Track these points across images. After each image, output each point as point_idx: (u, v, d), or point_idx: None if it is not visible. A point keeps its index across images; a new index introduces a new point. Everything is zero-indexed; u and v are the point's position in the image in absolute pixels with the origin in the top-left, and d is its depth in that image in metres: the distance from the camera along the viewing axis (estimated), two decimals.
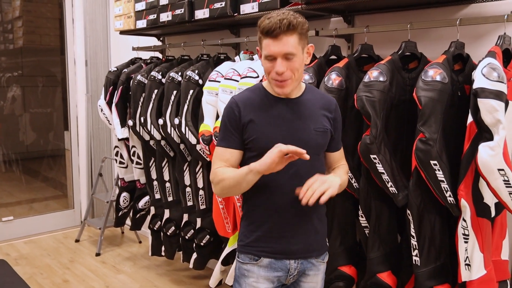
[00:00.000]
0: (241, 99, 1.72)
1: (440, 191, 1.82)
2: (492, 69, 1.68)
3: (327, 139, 1.77)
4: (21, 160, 4.98)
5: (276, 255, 1.74)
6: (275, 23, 1.54)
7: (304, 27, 1.60)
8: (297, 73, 1.63)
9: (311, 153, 1.62)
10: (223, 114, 1.75)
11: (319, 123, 1.73)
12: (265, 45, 1.60)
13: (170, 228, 3.27)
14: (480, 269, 1.80)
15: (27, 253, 4.15)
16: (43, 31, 4.90)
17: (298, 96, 1.74)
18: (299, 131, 1.69)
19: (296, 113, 1.71)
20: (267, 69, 1.64)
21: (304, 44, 1.63)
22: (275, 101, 1.71)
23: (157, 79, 3.07)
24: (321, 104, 1.77)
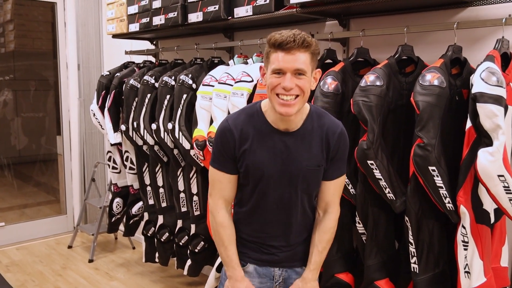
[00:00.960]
0: (237, 126, 1.65)
1: (438, 197, 1.79)
2: (491, 73, 1.65)
3: (320, 177, 1.72)
4: (13, 164, 4.93)
5: (261, 262, 1.78)
6: (289, 36, 1.47)
7: (317, 47, 1.53)
8: (305, 94, 1.54)
9: (300, 190, 1.69)
10: (216, 136, 1.69)
11: (314, 159, 1.66)
12: (274, 58, 1.50)
13: (164, 234, 3.23)
14: (480, 277, 1.78)
15: (18, 260, 4.10)
16: (35, 34, 4.85)
17: (298, 128, 1.65)
18: (291, 166, 1.65)
19: (292, 148, 1.65)
20: (271, 84, 1.53)
21: (314, 66, 1.55)
22: (271, 132, 1.64)
23: (150, 83, 3.03)
24: (321, 134, 1.67)
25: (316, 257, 1.77)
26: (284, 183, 1.67)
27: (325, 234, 1.77)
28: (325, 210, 1.78)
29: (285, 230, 1.75)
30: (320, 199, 1.78)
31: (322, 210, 1.79)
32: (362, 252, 2.13)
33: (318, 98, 2.04)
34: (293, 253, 1.79)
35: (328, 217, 1.78)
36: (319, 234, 1.77)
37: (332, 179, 1.74)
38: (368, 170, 1.91)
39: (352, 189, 2.10)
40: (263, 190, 1.68)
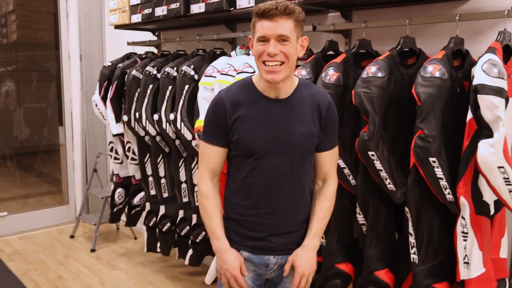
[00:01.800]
0: (228, 97, 1.68)
1: (439, 188, 1.80)
2: (492, 65, 1.65)
3: (314, 143, 1.72)
4: (15, 155, 4.94)
5: (255, 250, 1.75)
6: (271, 4, 1.52)
7: (300, 14, 1.57)
8: (290, 60, 1.57)
9: (295, 157, 1.68)
10: (209, 109, 1.72)
11: (307, 126, 1.68)
12: (259, 27, 1.55)
13: (165, 225, 3.25)
14: (479, 268, 1.79)
15: (21, 249, 4.12)
16: (37, 25, 4.85)
17: (288, 96, 1.68)
18: (284, 134, 1.66)
19: (284, 114, 1.66)
20: (257, 52, 1.57)
21: (299, 34, 1.59)
22: (262, 100, 1.66)
23: (152, 74, 3.04)
24: (312, 103, 1.71)
25: (316, 225, 1.77)
26: (278, 150, 1.66)
27: (325, 201, 1.80)
28: (324, 179, 1.82)
29: (280, 206, 1.72)
30: (319, 171, 1.81)
31: (321, 180, 1.82)
32: (362, 242, 2.14)
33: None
34: (289, 240, 1.76)
35: (327, 185, 1.81)
36: (320, 202, 1.79)
37: (327, 150, 1.78)
38: (368, 161, 1.92)
39: (352, 180, 2.11)
40: (257, 160, 1.67)
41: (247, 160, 1.68)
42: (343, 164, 2.07)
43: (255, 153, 1.66)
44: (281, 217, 1.72)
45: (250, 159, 1.67)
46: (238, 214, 1.75)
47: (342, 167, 2.08)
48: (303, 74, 2.13)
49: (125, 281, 3.51)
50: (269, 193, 1.69)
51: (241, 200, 1.74)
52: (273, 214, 1.72)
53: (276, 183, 1.68)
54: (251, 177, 1.68)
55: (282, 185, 1.69)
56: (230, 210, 1.78)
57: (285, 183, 1.69)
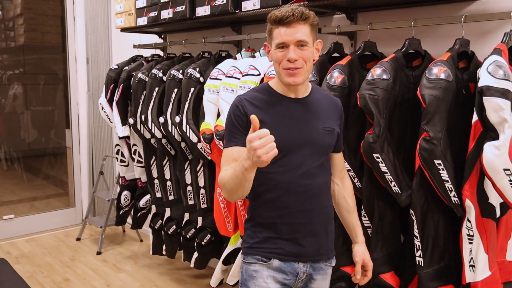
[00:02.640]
0: (248, 97, 1.68)
1: (444, 191, 1.79)
2: (498, 67, 1.64)
3: (335, 139, 1.75)
4: (23, 158, 4.97)
5: (286, 257, 1.69)
6: (287, 11, 1.55)
7: (315, 19, 1.60)
8: (308, 64, 1.60)
9: (321, 153, 1.71)
10: (229, 113, 1.68)
11: (327, 123, 1.72)
12: (277, 33, 1.58)
13: (171, 227, 3.25)
14: (485, 271, 1.78)
15: (28, 252, 4.14)
16: (44, 28, 4.88)
17: (306, 96, 1.71)
18: (308, 130, 1.67)
19: (305, 112, 1.68)
20: (277, 59, 1.60)
21: (315, 37, 1.63)
22: (283, 100, 1.68)
23: (158, 77, 3.05)
24: (328, 104, 1.76)
25: (358, 220, 1.88)
26: (304, 146, 1.66)
27: (353, 197, 1.89)
28: (342, 177, 1.88)
29: (311, 203, 1.69)
30: (336, 170, 1.85)
31: (339, 179, 1.87)
32: (367, 245, 2.13)
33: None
34: (319, 244, 1.73)
35: (348, 183, 1.90)
36: (351, 198, 1.88)
37: (340, 150, 1.86)
38: (374, 164, 1.92)
39: (358, 183, 2.10)
40: (283, 158, 1.63)
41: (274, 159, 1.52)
42: (348, 166, 2.07)
43: (281, 150, 1.56)
44: (312, 214, 1.70)
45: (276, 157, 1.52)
46: (267, 217, 1.70)
47: (347, 169, 2.07)
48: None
49: (131, 284, 3.51)
50: (298, 190, 1.67)
51: (270, 202, 1.69)
52: (304, 212, 1.68)
53: (305, 179, 1.67)
54: (279, 175, 1.65)
55: (311, 182, 1.68)
56: (257, 215, 1.73)
57: (313, 179, 1.68)
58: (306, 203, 1.68)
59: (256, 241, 1.72)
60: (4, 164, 4.83)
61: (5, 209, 4.61)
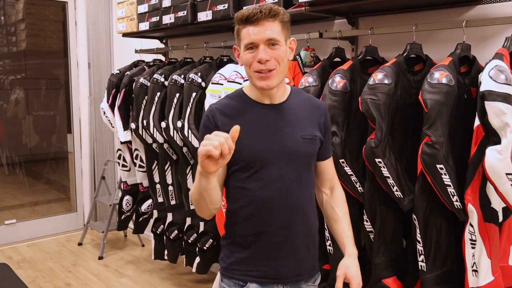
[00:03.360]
0: (220, 106, 1.55)
1: (446, 195, 1.79)
2: (499, 72, 1.65)
3: (316, 148, 1.60)
4: (24, 162, 4.97)
5: (263, 279, 1.56)
6: (254, 8, 1.43)
7: (285, 15, 1.48)
8: (282, 64, 1.46)
9: (300, 164, 1.55)
10: (201, 124, 1.57)
11: (307, 130, 1.57)
12: (245, 34, 1.45)
13: (173, 232, 3.25)
14: (488, 275, 1.77)
15: (29, 257, 4.14)
16: (46, 33, 4.89)
17: (283, 101, 1.57)
18: (285, 139, 1.52)
19: (281, 119, 1.54)
20: (247, 61, 1.46)
21: (287, 36, 1.49)
22: (257, 107, 1.54)
23: (160, 82, 3.06)
24: (309, 109, 1.61)
25: (349, 231, 1.68)
26: (281, 158, 1.52)
27: (344, 205, 1.72)
28: (332, 187, 1.73)
29: (290, 220, 1.54)
30: (324, 179, 1.71)
31: (328, 189, 1.73)
32: (369, 250, 2.13)
33: (326, 96, 2.05)
34: (298, 264, 1.59)
35: (338, 191, 1.73)
36: (339, 207, 1.70)
37: (329, 157, 1.70)
38: (376, 168, 1.92)
39: (360, 187, 2.10)
40: (258, 171, 1.51)
41: (247, 173, 1.52)
42: (350, 171, 2.07)
43: (255, 163, 1.51)
44: (293, 232, 1.56)
45: (250, 171, 1.51)
46: (243, 236, 1.57)
47: (349, 174, 2.07)
48: (310, 81, 2.14)
49: None
50: (277, 206, 1.53)
51: (246, 219, 1.55)
52: (283, 230, 1.55)
53: (283, 194, 1.53)
54: (254, 191, 1.52)
55: (290, 196, 1.54)
56: (234, 233, 1.60)
57: (292, 194, 1.54)
58: (285, 220, 1.54)
59: (232, 262, 1.59)
60: (5, 169, 4.83)
61: (6, 214, 4.61)
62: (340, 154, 2.03)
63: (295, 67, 2.37)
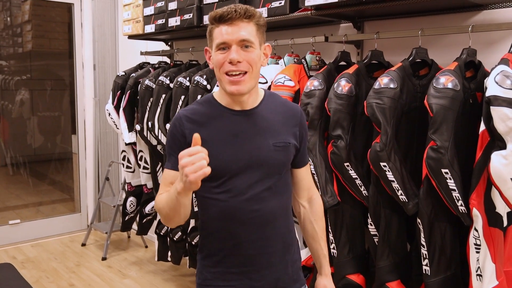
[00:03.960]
0: (188, 113, 1.48)
1: (451, 200, 1.80)
2: (505, 77, 1.65)
3: (290, 156, 1.53)
4: (29, 163, 5.00)
5: None
6: (229, 7, 1.37)
7: (261, 18, 1.42)
8: (254, 69, 1.40)
9: (272, 173, 1.49)
10: (168, 132, 1.52)
11: (280, 137, 1.49)
12: (217, 33, 1.38)
13: (176, 233, 3.26)
14: (492, 280, 1.77)
15: (33, 257, 4.16)
16: (52, 35, 4.92)
17: (255, 106, 1.49)
18: (256, 148, 1.46)
19: (252, 126, 1.47)
20: (218, 62, 1.39)
21: (262, 40, 1.43)
22: (227, 114, 1.47)
23: (165, 84, 3.07)
24: (284, 114, 1.54)
25: (326, 249, 1.67)
26: (252, 168, 1.46)
27: (322, 220, 1.67)
28: (310, 198, 1.68)
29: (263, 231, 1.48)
30: (301, 189, 1.65)
31: (306, 200, 1.67)
32: (374, 253, 2.14)
33: (332, 100, 2.06)
34: (276, 278, 1.53)
35: (317, 204, 1.68)
36: (318, 223, 1.66)
37: (305, 164, 1.64)
38: (381, 172, 1.92)
39: (364, 191, 2.11)
40: (228, 181, 1.45)
41: (216, 183, 1.46)
42: (355, 175, 2.07)
43: (224, 173, 1.44)
44: (266, 244, 1.50)
45: (219, 181, 1.45)
46: (215, 249, 1.51)
47: (354, 177, 2.08)
48: (315, 85, 2.14)
49: None
50: (247, 218, 1.46)
51: (217, 231, 1.50)
52: (256, 242, 1.48)
53: (253, 205, 1.46)
54: (224, 201, 1.46)
55: (261, 206, 1.47)
56: (205, 246, 1.54)
57: (264, 204, 1.47)
58: (258, 232, 1.47)
59: (206, 277, 1.53)
60: (10, 169, 4.85)
61: (11, 214, 4.63)
62: (345, 157, 2.04)
63: (300, 70, 2.38)
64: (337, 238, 2.22)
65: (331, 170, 2.13)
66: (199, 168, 1.17)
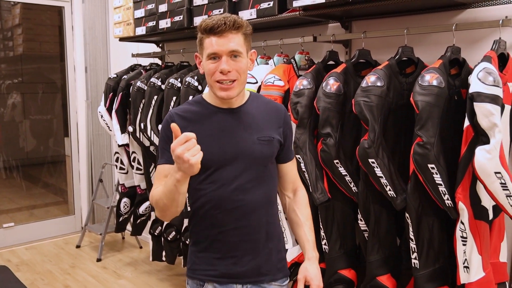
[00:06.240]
0: (179, 111, 1.60)
1: (438, 194, 1.84)
2: (487, 74, 1.70)
3: (274, 149, 1.64)
4: (22, 166, 4.99)
5: (221, 279, 1.60)
6: (219, 20, 1.46)
7: (248, 28, 1.53)
8: (243, 75, 1.53)
9: (257, 165, 1.60)
10: (161, 128, 1.63)
11: (264, 132, 1.61)
12: (208, 43, 1.48)
13: (170, 233, 3.28)
14: (479, 272, 1.82)
15: (28, 259, 4.16)
16: (42, 38, 4.93)
17: (241, 105, 1.62)
18: (241, 142, 1.57)
19: (238, 123, 1.59)
20: (209, 71, 1.50)
21: (249, 47, 1.55)
22: (215, 112, 1.59)
23: (157, 85, 3.09)
24: (267, 112, 1.66)
25: (311, 235, 1.70)
26: (237, 160, 1.57)
27: (306, 208, 1.75)
28: (294, 190, 1.77)
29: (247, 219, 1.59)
30: (286, 182, 1.76)
31: (291, 192, 1.77)
32: (364, 248, 2.18)
33: (320, 98, 2.09)
34: (258, 264, 1.62)
35: (300, 194, 1.77)
36: (301, 211, 1.73)
37: (290, 159, 1.75)
38: (369, 169, 1.96)
39: (354, 187, 2.15)
40: (214, 173, 1.56)
41: (203, 175, 1.56)
42: (344, 172, 2.11)
43: (211, 165, 1.55)
44: (249, 232, 1.60)
45: (206, 173, 1.56)
46: (203, 236, 1.62)
47: (343, 174, 2.12)
48: (304, 84, 2.18)
49: None
50: (232, 207, 1.57)
51: (204, 219, 1.60)
52: (240, 229, 1.59)
53: (238, 194, 1.57)
54: (211, 191, 1.57)
55: (246, 197, 1.58)
56: (195, 233, 1.65)
57: (248, 194, 1.58)
58: (242, 220, 1.58)
59: (194, 262, 1.65)
60: (3, 173, 4.85)
61: (4, 218, 4.63)
62: (334, 155, 2.08)
63: (290, 70, 2.42)
64: (328, 234, 2.26)
65: (321, 168, 2.17)
66: (197, 151, 1.29)
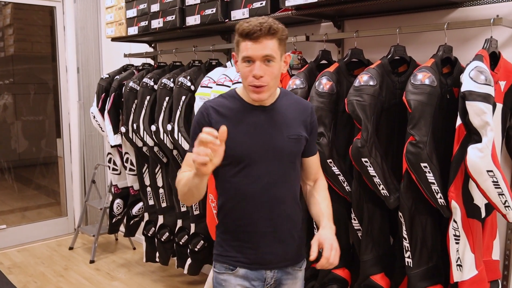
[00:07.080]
0: (214, 104, 1.68)
1: (430, 193, 1.84)
2: (479, 72, 1.70)
3: (301, 146, 1.73)
4: (13, 168, 4.96)
5: (251, 265, 1.71)
6: (255, 25, 1.51)
7: (284, 33, 1.57)
8: (275, 80, 1.59)
9: (286, 161, 1.69)
10: (194, 119, 1.70)
11: (293, 130, 1.70)
12: (244, 47, 1.55)
13: (164, 234, 3.28)
14: (472, 270, 1.83)
15: (20, 262, 4.14)
16: (34, 38, 4.90)
17: (273, 103, 1.69)
18: (272, 139, 1.66)
19: (270, 120, 1.67)
20: (244, 74, 1.58)
21: (283, 51, 1.60)
22: (248, 109, 1.66)
23: (149, 86, 3.08)
24: (297, 110, 1.74)
25: (326, 209, 1.76)
26: (267, 156, 1.65)
27: (324, 191, 1.83)
28: (315, 179, 1.86)
29: (274, 212, 1.69)
30: (309, 173, 1.85)
31: (312, 181, 1.87)
32: (358, 247, 2.18)
33: (313, 98, 2.09)
34: (285, 250, 1.74)
35: (320, 182, 1.86)
36: (320, 194, 1.81)
37: (314, 154, 1.83)
38: (362, 168, 1.96)
39: (347, 187, 2.15)
40: (246, 167, 1.65)
41: (236, 168, 1.65)
42: (337, 171, 2.11)
43: (243, 160, 1.64)
44: (276, 223, 1.70)
45: (239, 167, 1.65)
46: (233, 226, 1.72)
47: (336, 174, 2.12)
48: (297, 84, 2.18)
49: None
50: (262, 200, 1.67)
51: (235, 211, 1.70)
52: (269, 221, 1.69)
53: (268, 189, 1.66)
54: (242, 185, 1.66)
55: (275, 191, 1.67)
56: (224, 223, 1.75)
57: (277, 189, 1.68)
58: (270, 212, 1.68)
59: (224, 249, 1.74)
60: None
61: None
62: (327, 154, 2.08)
63: None
64: None
65: None
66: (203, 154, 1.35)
